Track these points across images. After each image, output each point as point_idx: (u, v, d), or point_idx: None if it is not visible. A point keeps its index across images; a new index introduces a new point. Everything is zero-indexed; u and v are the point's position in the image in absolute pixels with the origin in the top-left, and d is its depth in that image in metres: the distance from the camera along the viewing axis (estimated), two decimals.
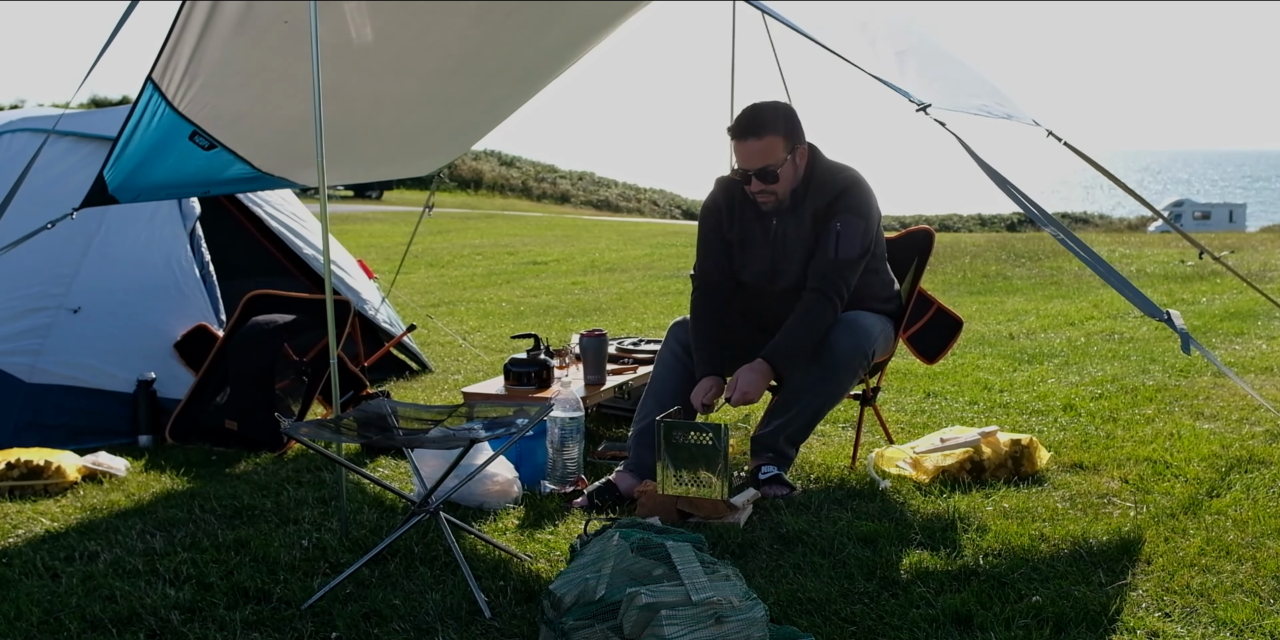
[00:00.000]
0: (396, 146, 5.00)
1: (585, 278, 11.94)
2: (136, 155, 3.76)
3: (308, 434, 3.07)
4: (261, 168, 4.21)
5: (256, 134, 4.01)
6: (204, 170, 4.06)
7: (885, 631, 2.61)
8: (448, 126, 4.97)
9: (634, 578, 2.38)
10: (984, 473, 3.80)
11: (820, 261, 3.67)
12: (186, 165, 3.95)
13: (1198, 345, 3.09)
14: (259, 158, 4.15)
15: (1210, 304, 8.22)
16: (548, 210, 32.65)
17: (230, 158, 4.03)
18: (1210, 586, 2.81)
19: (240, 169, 4.14)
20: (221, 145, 3.92)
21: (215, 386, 4.75)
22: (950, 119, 3.04)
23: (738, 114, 3.73)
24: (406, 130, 4.81)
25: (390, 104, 4.42)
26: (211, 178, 4.17)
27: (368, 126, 4.54)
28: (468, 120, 5.05)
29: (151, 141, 3.74)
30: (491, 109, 5.01)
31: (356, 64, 3.92)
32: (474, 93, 4.65)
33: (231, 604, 2.86)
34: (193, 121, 3.74)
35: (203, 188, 4.39)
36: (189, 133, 3.78)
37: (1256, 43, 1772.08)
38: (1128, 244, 13.58)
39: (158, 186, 4.01)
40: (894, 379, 5.60)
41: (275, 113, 3.94)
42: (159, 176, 3.92)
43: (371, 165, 5.27)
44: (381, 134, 4.73)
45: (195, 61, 3.50)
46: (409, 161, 5.40)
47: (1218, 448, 4.14)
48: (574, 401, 3.88)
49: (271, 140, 4.09)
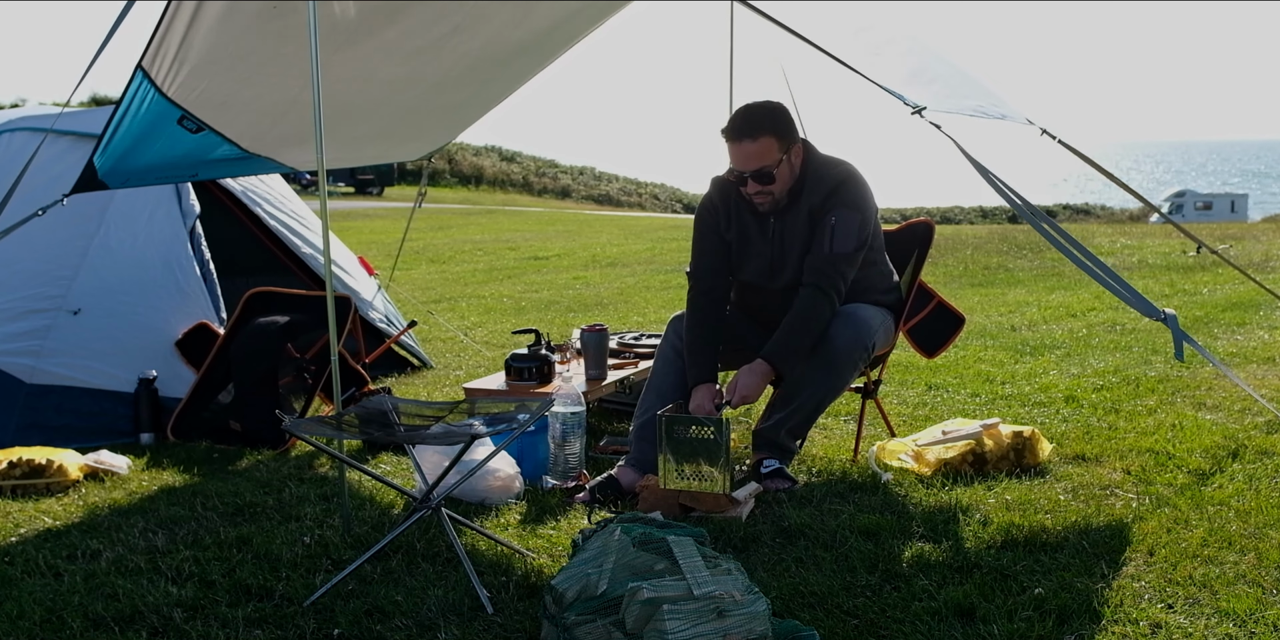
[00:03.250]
0: (382, 127, 5.00)
1: (586, 273, 11.93)
2: (126, 141, 3.77)
3: (309, 431, 3.07)
4: (249, 149, 4.23)
5: (244, 116, 4.03)
6: (192, 152, 4.07)
7: (888, 624, 2.61)
8: (435, 108, 4.97)
9: (636, 572, 2.38)
10: (986, 465, 3.80)
11: (816, 256, 3.66)
12: (175, 149, 3.97)
13: (1195, 345, 3.09)
14: (246, 139, 4.17)
15: (1212, 294, 8.21)
16: (548, 205, 32.62)
17: (218, 139, 4.05)
18: (1213, 577, 2.81)
19: (228, 150, 4.16)
20: (210, 128, 3.94)
21: (217, 385, 4.75)
22: (946, 120, 3.04)
23: (731, 115, 3.72)
24: (393, 110, 4.81)
25: (376, 83, 4.43)
26: (199, 158, 4.19)
27: (354, 106, 4.54)
28: (455, 102, 5.04)
29: (141, 127, 3.75)
30: (480, 92, 5.01)
31: (341, 44, 3.92)
32: (461, 74, 4.64)
33: (234, 601, 2.86)
34: (181, 106, 3.75)
35: (191, 169, 4.39)
36: (177, 117, 3.79)
37: (1257, 33, 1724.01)
38: (1129, 235, 13.56)
39: (147, 169, 4.02)
40: (895, 372, 5.59)
41: (264, 95, 3.96)
42: (148, 160, 3.93)
43: (358, 146, 5.25)
44: (368, 113, 4.73)
45: (184, 47, 3.52)
46: (397, 144, 5.40)
47: (1220, 438, 4.14)
48: (575, 396, 3.87)
49: (259, 122, 4.12)
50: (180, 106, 3.75)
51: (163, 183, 4.93)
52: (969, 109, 3.50)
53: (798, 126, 3.77)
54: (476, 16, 4.11)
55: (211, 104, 3.83)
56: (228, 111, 3.93)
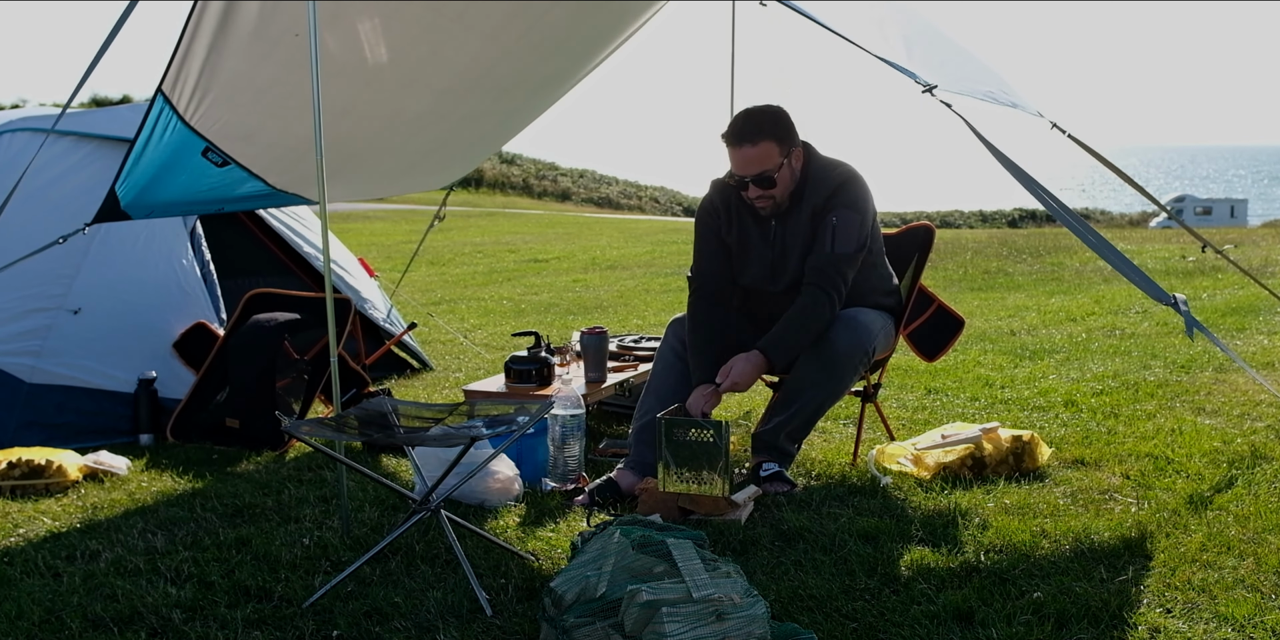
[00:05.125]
0: (410, 162, 4.97)
1: (586, 275, 11.93)
2: (149, 171, 3.70)
3: (309, 432, 3.07)
4: (275, 185, 4.15)
5: (270, 150, 3.96)
6: (217, 187, 4.00)
7: (886, 628, 2.61)
8: (461, 141, 4.94)
9: (635, 575, 2.38)
10: (985, 469, 3.80)
11: (817, 257, 3.66)
12: (199, 182, 3.89)
13: (1204, 330, 3.09)
14: (273, 174, 4.09)
15: (1211, 299, 8.22)
16: (548, 208, 32.62)
17: (244, 174, 3.97)
18: (1212, 582, 2.81)
19: (254, 186, 4.08)
20: (235, 162, 3.86)
21: (216, 385, 4.75)
22: (956, 102, 3.03)
23: (731, 120, 3.72)
24: (420, 146, 4.77)
25: (404, 121, 4.38)
26: (225, 195, 4.11)
27: (381, 143, 4.50)
28: (481, 134, 5.03)
29: (164, 157, 3.68)
30: (504, 123, 4.99)
31: (369, 82, 3.87)
32: (487, 107, 4.62)
33: (233, 602, 2.86)
34: (205, 137, 3.68)
35: (217, 205, 4.32)
36: (201, 149, 3.71)
37: (1261, 38, 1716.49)
38: (1129, 239, 13.57)
39: (171, 203, 3.95)
40: (895, 376, 5.59)
41: (288, 129, 3.87)
42: (172, 194, 3.86)
43: (385, 181, 5.23)
44: (395, 150, 4.69)
45: (206, 74, 3.44)
46: (422, 177, 5.36)
47: (1219, 443, 4.14)
48: (575, 399, 3.87)
49: (285, 157, 4.03)
50: (204, 137, 3.67)
51: (187, 215, 4.88)
52: (980, 93, 3.46)
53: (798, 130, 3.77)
54: (505, 53, 4.08)
55: (236, 137, 3.76)
56: (253, 145, 3.85)
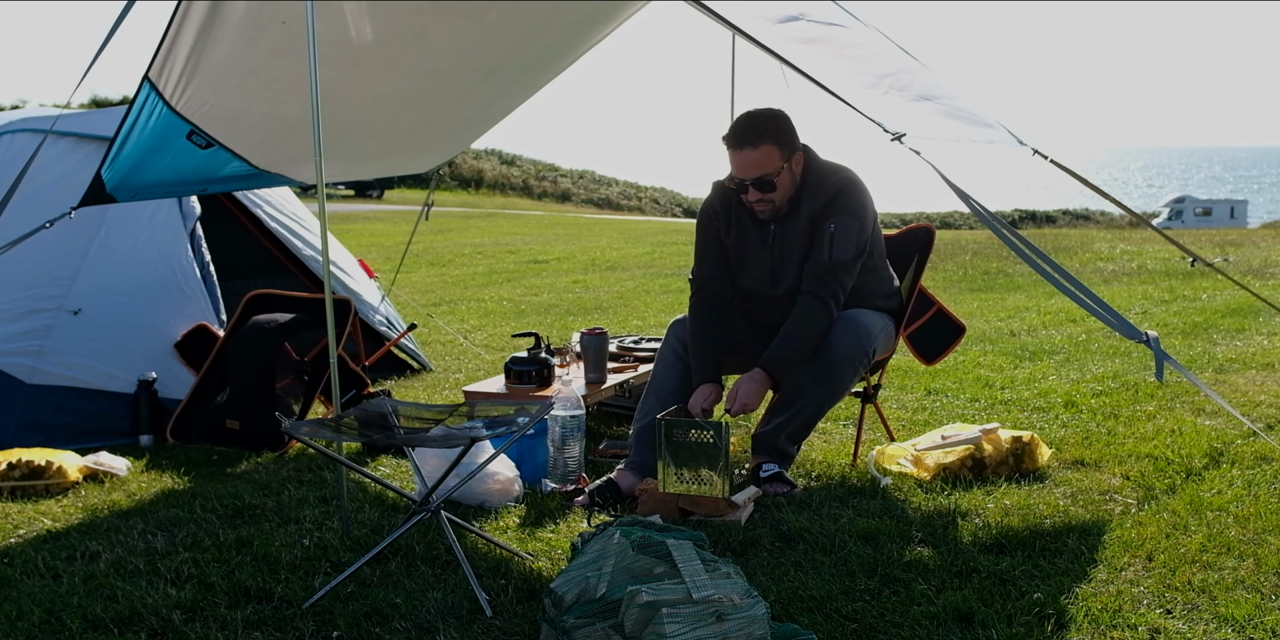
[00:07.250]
0: (394, 143, 5.00)
1: (586, 276, 11.93)
2: (134, 154, 3.76)
3: (308, 433, 3.07)
4: (259, 165, 4.21)
5: (254, 132, 4.01)
6: (202, 168, 4.05)
7: (886, 629, 2.61)
8: (446, 123, 4.97)
9: (635, 576, 2.38)
10: (985, 470, 3.80)
11: (815, 264, 3.67)
12: (184, 163, 3.95)
13: (1177, 365, 3.09)
14: (256, 155, 4.14)
15: (1212, 300, 8.22)
16: (548, 209, 32.64)
17: (228, 155, 4.03)
18: (1212, 583, 2.81)
19: (238, 166, 4.14)
20: (219, 143, 3.92)
21: (216, 386, 4.75)
22: (926, 147, 3.00)
23: (732, 122, 3.72)
24: (404, 127, 4.80)
25: (388, 101, 4.41)
26: (209, 175, 4.17)
27: (365, 123, 4.53)
28: (465, 117, 5.04)
29: (149, 140, 3.74)
30: (490, 105, 5.01)
31: (354, 63, 3.91)
32: (471, 89, 4.64)
33: (233, 603, 2.86)
34: (190, 120, 3.73)
35: (200, 185, 4.39)
36: (186, 132, 3.77)
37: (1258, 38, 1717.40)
38: (1129, 240, 13.56)
39: (155, 185, 4.01)
40: (895, 377, 5.59)
41: (272, 111, 3.94)
42: (156, 175, 3.92)
43: (370, 161, 5.27)
44: (379, 131, 4.73)
45: (192, 61, 3.49)
46: (408, 158, 5.39)
47: (1219, 444, 4.14)
48: (575, 400, 3.88)
49: (269, 138, 4.09)
50: (189, 121, 3.73)
51: (171, 196, 4.94)
52: (953, 133, 3.45)
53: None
54: (489, 34, 4.10)
55: (221, 120, 3.81)
56: (237, 127, 3.91)
